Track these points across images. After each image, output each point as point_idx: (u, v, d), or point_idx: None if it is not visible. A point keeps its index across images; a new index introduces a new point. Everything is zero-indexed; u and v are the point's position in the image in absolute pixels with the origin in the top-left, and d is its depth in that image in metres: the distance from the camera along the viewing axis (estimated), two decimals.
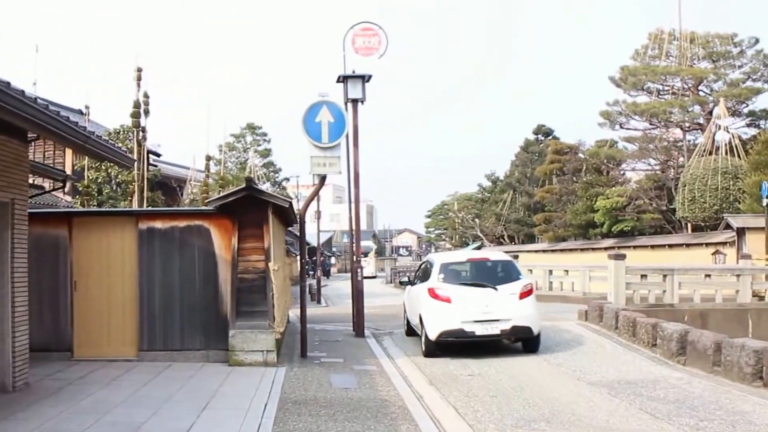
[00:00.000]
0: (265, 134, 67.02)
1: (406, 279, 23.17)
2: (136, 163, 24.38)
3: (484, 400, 12.57)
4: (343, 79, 21.14)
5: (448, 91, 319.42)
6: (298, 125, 16.80)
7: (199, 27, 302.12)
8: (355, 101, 21.09)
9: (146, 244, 15.70)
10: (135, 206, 24.85)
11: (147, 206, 25.18)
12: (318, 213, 52.32)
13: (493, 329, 17.87)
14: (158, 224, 15.73)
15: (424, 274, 19.62)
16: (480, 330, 17.84)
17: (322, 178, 17.47)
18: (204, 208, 16.39)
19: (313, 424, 10.51)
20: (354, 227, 22.53)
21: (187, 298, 15.66)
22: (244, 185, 15.39)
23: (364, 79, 21.06)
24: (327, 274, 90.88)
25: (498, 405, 12.18)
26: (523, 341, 18.92)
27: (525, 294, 18.52)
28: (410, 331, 20.98)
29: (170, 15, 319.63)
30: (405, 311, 21.57)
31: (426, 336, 17.80)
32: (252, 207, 15.40)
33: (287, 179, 67.89)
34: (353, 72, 21.20)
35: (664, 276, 24.82)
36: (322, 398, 12.38)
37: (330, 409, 11.48)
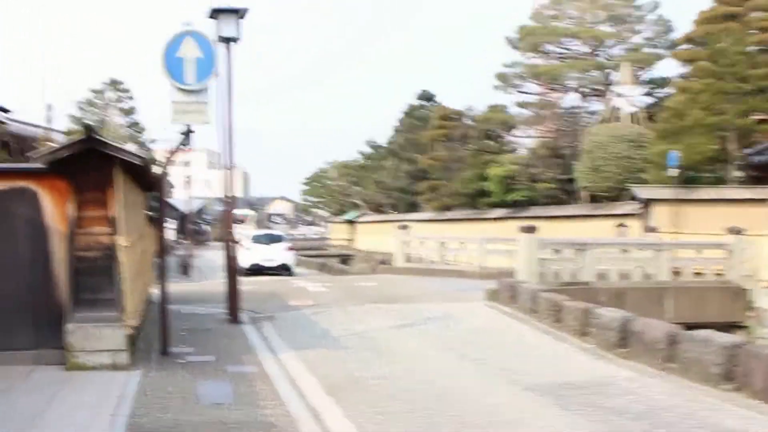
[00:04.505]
0: (128, 90, 62.88)
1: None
2: None
3: (402, 419, 9.48)
4: (215, 13, 17.48)
5: (328, 56, 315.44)
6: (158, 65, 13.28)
7: None
8: (228, 40, 17.49)
9: None
10: None
11: None
12: (188, 178, 48.77)
13: (272, 263, 37.60)
14: None
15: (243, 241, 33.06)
16: (266, 264, 37.24)
17: (188, 130, 13.92)
18: (30, 165, 12.49)
19: None
20: (228, 190, 19.00)
21: (11, 283, 11.84)
22: (83, 136, 11.70)
23: (239, 13, 17.47)
24: (203, 243, 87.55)
25: (422, 427, 9.12)
26: (287, 271, 37.81)
27: (289, 249, 40.23)
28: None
29: None
30: None
31: (243, 267, 28.39)
32: (94, 165, 11.69)
33: (154, 141, 63.89)
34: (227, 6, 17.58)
35: (579, 251, 22.54)
36: (186, 423, 8.95)
37: None
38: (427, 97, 71.54)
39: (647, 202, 32.96)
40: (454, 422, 9.32)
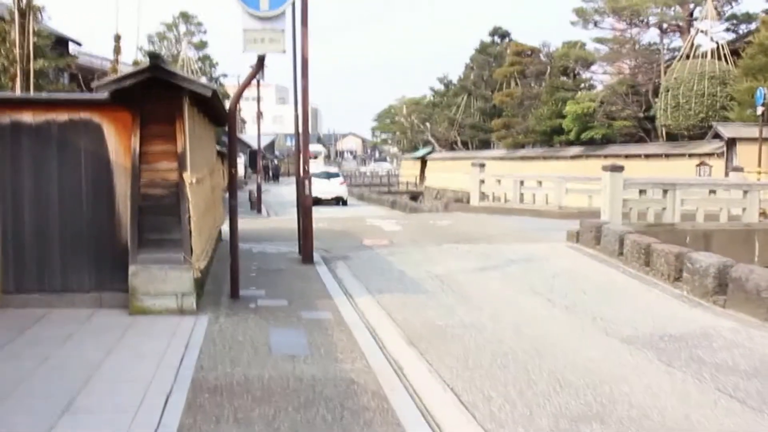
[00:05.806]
0: (200, 24, 62.32)
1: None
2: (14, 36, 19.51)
3: (493, 376, 8.63)
4: None
5: None
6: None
7: None
8: None
9: (10, 144, 11.15)
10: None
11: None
12: (259, 113, 48.30)
13: (328, 196, 46.51)
14: (27, 117, 11.12)
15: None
16: (324, 196, 45.11)
17: (260, 60, 12.85)
18: (92, 96, 11.70)
19: None
20: (301, 125, 18.15)
21: (71, 220, 11.23)
22: (148, 64, 10.88)
23: None
24: (276, 177, 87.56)
25: (516, 385, 8.27)
26: (342, 202, 48.18)
27: (342, 183, 50.30)
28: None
29: None
30: None
31: None
32: (161, 96, 10.97)
33: (225, 75, 63.44)
34: None
35: (665, 191, 21.73)
36: (257, 380, 8.15)
37: (267, 405, 7.34)
38: (500, 33, 70.19)
39: (731, 141, 31.87)
40: (551, 379, 8.48)
